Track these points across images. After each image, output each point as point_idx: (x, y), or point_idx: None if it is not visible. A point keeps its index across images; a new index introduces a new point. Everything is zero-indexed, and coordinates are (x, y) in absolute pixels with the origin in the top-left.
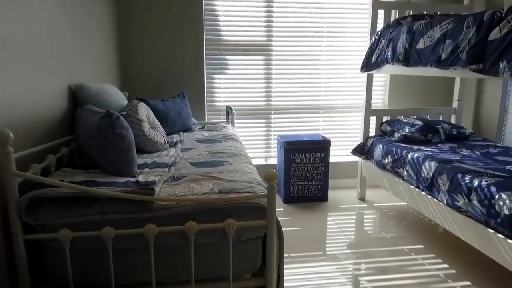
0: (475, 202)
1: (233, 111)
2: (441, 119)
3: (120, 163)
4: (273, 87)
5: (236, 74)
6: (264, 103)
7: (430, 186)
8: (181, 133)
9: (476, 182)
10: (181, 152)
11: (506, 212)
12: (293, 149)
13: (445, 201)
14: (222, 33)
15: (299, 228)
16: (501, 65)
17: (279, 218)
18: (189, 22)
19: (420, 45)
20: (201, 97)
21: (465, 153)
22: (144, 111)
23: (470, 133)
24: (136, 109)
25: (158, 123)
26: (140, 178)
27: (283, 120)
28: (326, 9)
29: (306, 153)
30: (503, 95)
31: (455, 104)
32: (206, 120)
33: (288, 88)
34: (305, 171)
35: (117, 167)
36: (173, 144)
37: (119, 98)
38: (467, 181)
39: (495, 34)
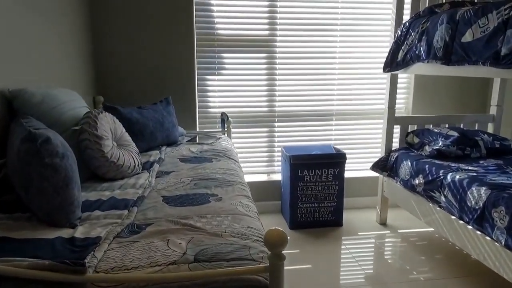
0: None
1: (229, 119)
2: (476, 128)
3: (53, 207)
4: (277, 90)
5: (234, 75)
6: (266, 109)
7: (480, 220)
8: (164, 148)
9: None
10: (157, 177)
11: None
12: (301, 164)
13: (503, 242)
14: (217, 26)
15: (309, 265)
16: None
17: (284, 251)
18: (176, 13)
19: (468, 37)
20: (191, 103)
21: None
22: (108, 124)
23: None
24: (95, 122)
25: (129, 138)
26: (79, 232)
27: (289, 129)
28: None
29: (316, 169)
30: None
31: (493, 110)
32: (197, 130)
33: (295, 91)
34: (315, 190)
35: (47, 213)
36: (148, 166)
37: (77, 107)
38: None
39: None
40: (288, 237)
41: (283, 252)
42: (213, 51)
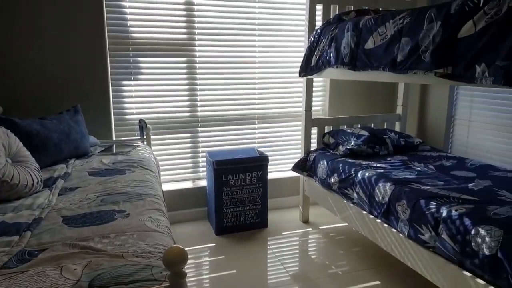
0: (444, 236)
1: (147, 125)
2: (385, 127)
3: None
4: (198, 94)
5: (151, 80)
6: (188, 114)
7: (387, 213)
8: (72, 160)
9: (444, 212)
10: (60, 195)
11: (486, 252)
12: (225, 169)
13: (406, 233)
14: (131, 29)
15: (234, 271)
16: (478, 69)
17: (209, 258)
18: (84, 14)
19: (369, 44)
20: (105, 110)
21: (419, 169)
22: (0, 139)
23: (418, 142)
24: None
25: (27, 153)
26: None
27: (213, 134)
28: (257, 3)
29: (240, 173)
30: (450, 100)
31: (399, 110)
32: (114, 138)
33: (217, 95)
34: (240, 194)
35: None
36: (51, 182)
37: None
38: (432, 209)
39: (467, 29)
40: (214, 244)
41: (184, 269)
42: (127, 55)
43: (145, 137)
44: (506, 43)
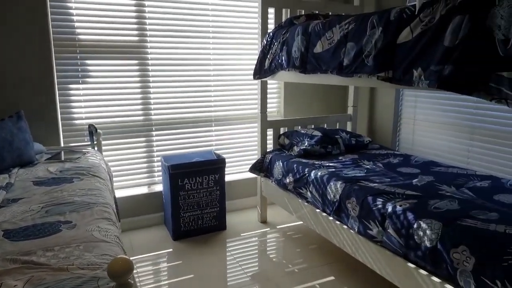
0: (390, 231)
1: (97, 131)
2: (338, 127)
3: None
4: (151, 97)
5: (101, 83)
6: (142, 117)
7: (338, 211)
8: (15, 170)
9: (389, 207)
10: (0, 207)
11: (427, 244)
12: (181, 173)
13: (356, 229)
14: (78, 30)
15: (192, 275)
16: (415, 73)
17: (166, 264)
18: (26, 15)
19: (318, 48)
20: (52, 115)
21: (368, 166)
22: None
23: (368, 141)
24: None
25: None
26: None
27: (167, 137)
28: (210, 5)
29: (197, 176)
30: (396, 101)
31: (350, 111)
32: (62, 145)
33: (171, 98)
34: (197, 198)
35: None
36: None
37: None
38: (379, 205)
39: (405, 35)
40: (171, 249)
41: (129, 280)
42: (75, 57)
43: (95, 142)
44: (439, 48)
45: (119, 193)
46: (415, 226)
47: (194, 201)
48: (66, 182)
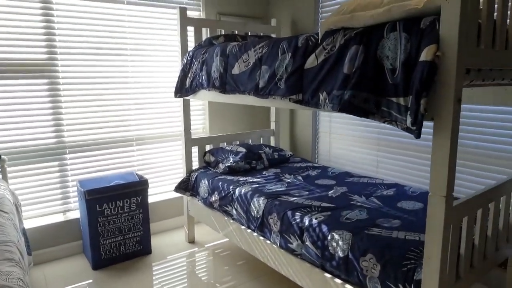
0: (308, 243)
1: (2, 157)
2: (262, 142)
3: None
4: (64, 118)
5: (5, 105)
6: (53, 140)
7: (261, 226)
8: None
9: (307, 221)
10: None
11: (340, 254)
12: (99, 198)
13: (278, 243)
14: None
15: None
16: (321, 97)
17: None
18: None
19: (236, 70)
20: None
21: (289, 180)
22: None
23: (289, 155)
24: None
25: None
26: None
27: (84, 160)
28: (127, 22)
29: (117, 200)
30: (314, 115)
31: (273, 126)
32: None
33: (87, 118)
34: (118, 223)
35: None
36: None
37: None
38: (297, 219)
39: (311, 61)
40: (91, 280)
41: None
42: None
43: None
44: (339, 75)
45: (31, 223)
46: (329, 237)
47: (115, 226)
48: None
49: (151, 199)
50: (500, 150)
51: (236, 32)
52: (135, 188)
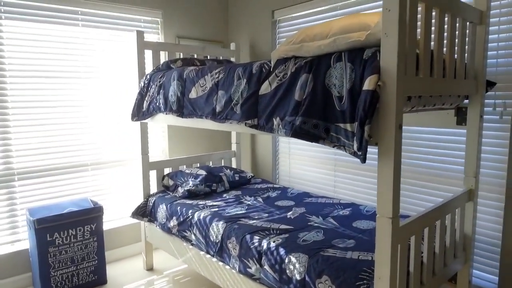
0: (266, 267)
1: None
2: (223, 163)
3: None
4: (12, 144)
5: None
6: (1, 166)
7: (221, 251)
8: None
9: (265, 244)
10: None
11: (297, 276)
12: (49, 227)
13: (237, 268)
14: None
15: None
16: (275, 122)
17: None
18: None
19: (193, 94)
20: None
21: (249, 202)
22: None
23: (250, 176)
24: None
25: None
26: None
27: (35, 187)
28: (82, 44)
29: (69, 229)
30: (273, 137)
31: (234, 147)
32: None
33: (38, 143)
34: (71, 253)
35: None
36: None
37: None
38: (256, 243)
39: (265, 88)
40: None
41: None
42: None
43: None
44: (291, 101)
45: None
46: (286, 260)
47: (67, 256)
48: None
49: (106, 226)
50: (448, 170)
51: (195, 56)
52: (89, 215)
